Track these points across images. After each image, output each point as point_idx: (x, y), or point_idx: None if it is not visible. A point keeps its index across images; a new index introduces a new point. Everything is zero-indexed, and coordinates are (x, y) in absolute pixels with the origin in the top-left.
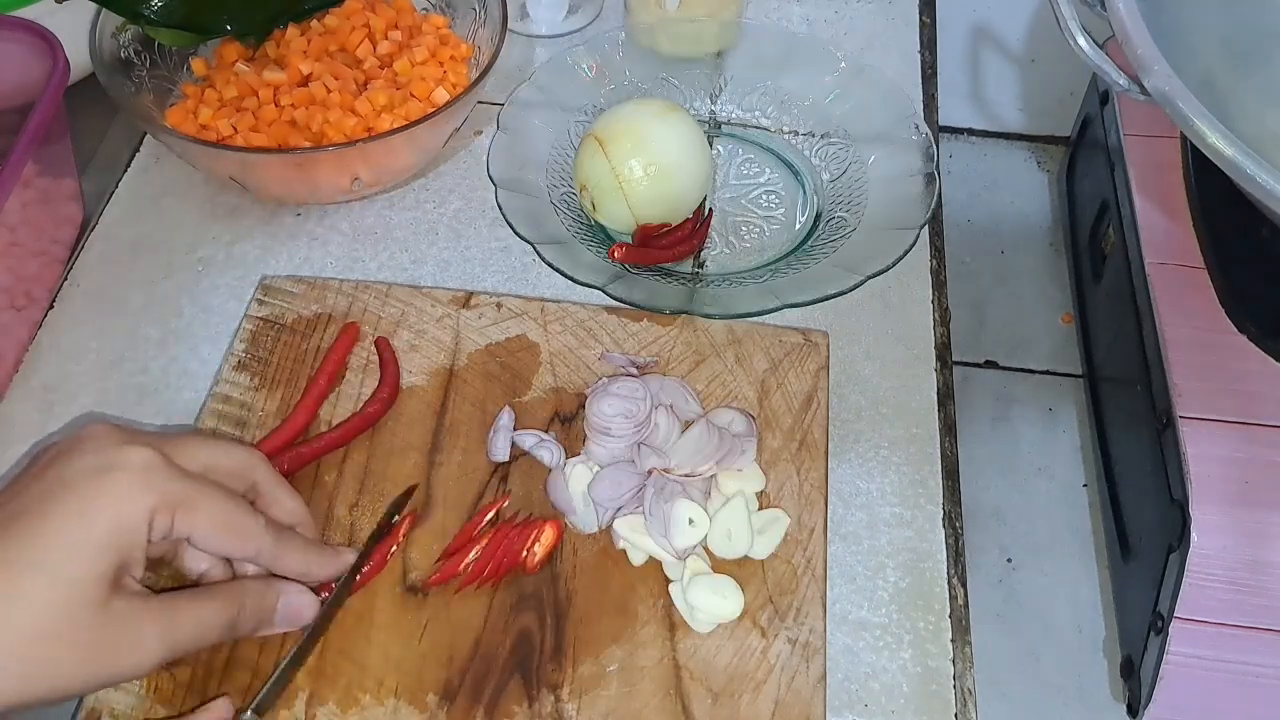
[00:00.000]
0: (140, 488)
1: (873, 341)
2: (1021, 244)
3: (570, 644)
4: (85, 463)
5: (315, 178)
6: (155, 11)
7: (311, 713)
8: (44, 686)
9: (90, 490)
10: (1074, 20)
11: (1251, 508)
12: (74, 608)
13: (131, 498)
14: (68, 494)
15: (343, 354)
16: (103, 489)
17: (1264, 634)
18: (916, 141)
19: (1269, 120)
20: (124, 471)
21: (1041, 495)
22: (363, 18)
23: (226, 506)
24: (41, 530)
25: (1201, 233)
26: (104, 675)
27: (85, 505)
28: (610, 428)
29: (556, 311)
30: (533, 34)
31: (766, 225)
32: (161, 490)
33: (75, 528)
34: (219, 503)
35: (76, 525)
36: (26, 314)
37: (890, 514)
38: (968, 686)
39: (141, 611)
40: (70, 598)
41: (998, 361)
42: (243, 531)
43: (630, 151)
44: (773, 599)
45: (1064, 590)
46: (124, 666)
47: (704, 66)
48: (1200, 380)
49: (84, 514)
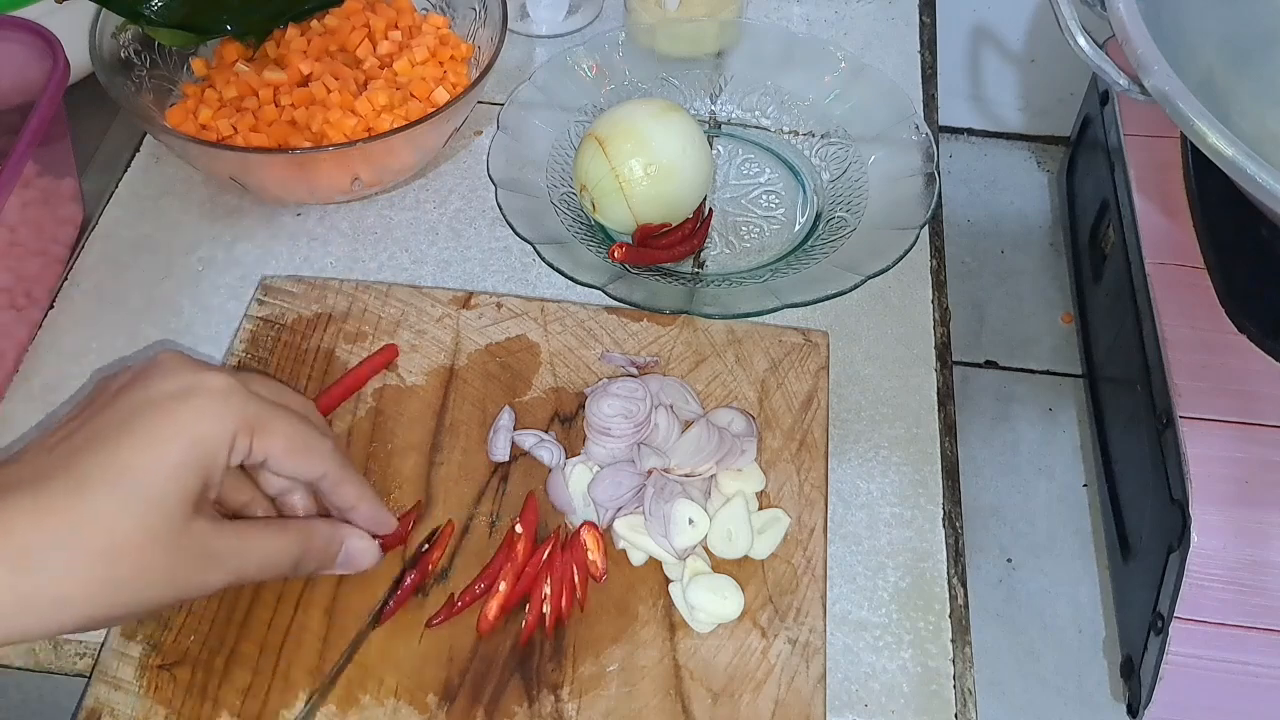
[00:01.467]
0: (222, 410)
1: (873, 341)
2: (1021, 244)
3: (570, 644)
4: (166, 386)
5: (315, 178)
6: (155, 11)
7: (311, 713)
8: (121, 603)
9: (173, 412)
10: (1074, 20)
11: (1251, 508)
12: (157, 528)
13: (214, 419)
14: (152, 414)
15: (370, 372)
16: (186, 410)
17: (1264, 634)
18: (916, 141)
19: (1269, 120)
20: (206, 395)
21: (1041, 495)
22: (363, 18)
23: (301, 429)
24: (126, 451)
25: (1201, 233)
26: (174, 593)
27: (169, 426)
28: (610, 428)
29: (556, 311)
30: (533, 34)
31: (766, 225)
32: (241, 412)
33: (160, 448)
34: (294, 425)
35: (161, 446)
36: (26, 314)
37: (890, 514)
38: (968, 686)
39: (218, 534)
40: (153, 518)
41: (998, 361)
42: (315, 452)
43: (630, 151)
44: (773, 599)
45: (1064, 590)
46: (194, 585)
47: (704, 66)
48: (1200, 380)
49: (168, 435)
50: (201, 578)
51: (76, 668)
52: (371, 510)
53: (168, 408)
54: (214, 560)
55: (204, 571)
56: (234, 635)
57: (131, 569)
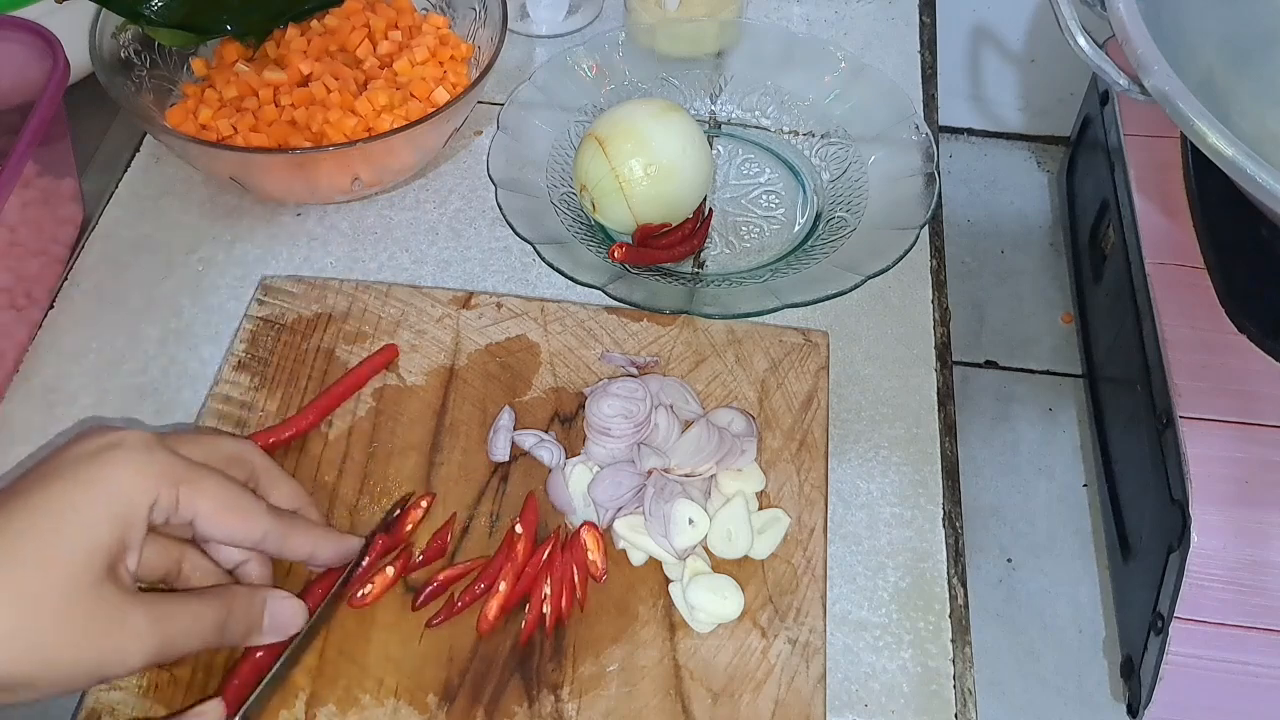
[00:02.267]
0: (142, 462)
1: (873, 341)
2: (1021, 244)
3: (570, 644)
4: (86, 445)
5: (315, 178)
6: (155, 11)
7: (311, 713)
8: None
9: (92, 465)
10: (1074, 20)
11: (1251, 508)
12: (63, 581)
13: (133, 472)
14: (69, 469)
15: (370, 372)
16: (104, 464)
17: (1264, 634)
18: (916, 141)
19: (1269, 120)
20: (126, 449)
21: (1041, 495)
22: (363, 18)
23: (229, 487)
24: (38, 503)
25: (1201, 233)
26: (93, 662)
27: (86, 478)
28: (610, 428)
29: (556, 311)
30: (533, 34)
31: (766, 225)
32: (164, 466)
33: (74, 499)
34: (221, 484)
35: (76, 497)
36: (26, 314)
37: (890, 514)
38: (968, 686)
39: (134, 603)
40: (61, 570)
41: (998, 361)
42: (247, 512)
43: (630, 151)
44: (773, 599)
45: (1064, 590)
46: (113, 657)
47: (704, 66)
48: (1200, 380)
49: (83, 486)
50: (117, 648)
51: None
52: (331, 551)
53: (87, 462)
54: (129, 630)
55: (119, 640)
56: None
57: (30, 622)
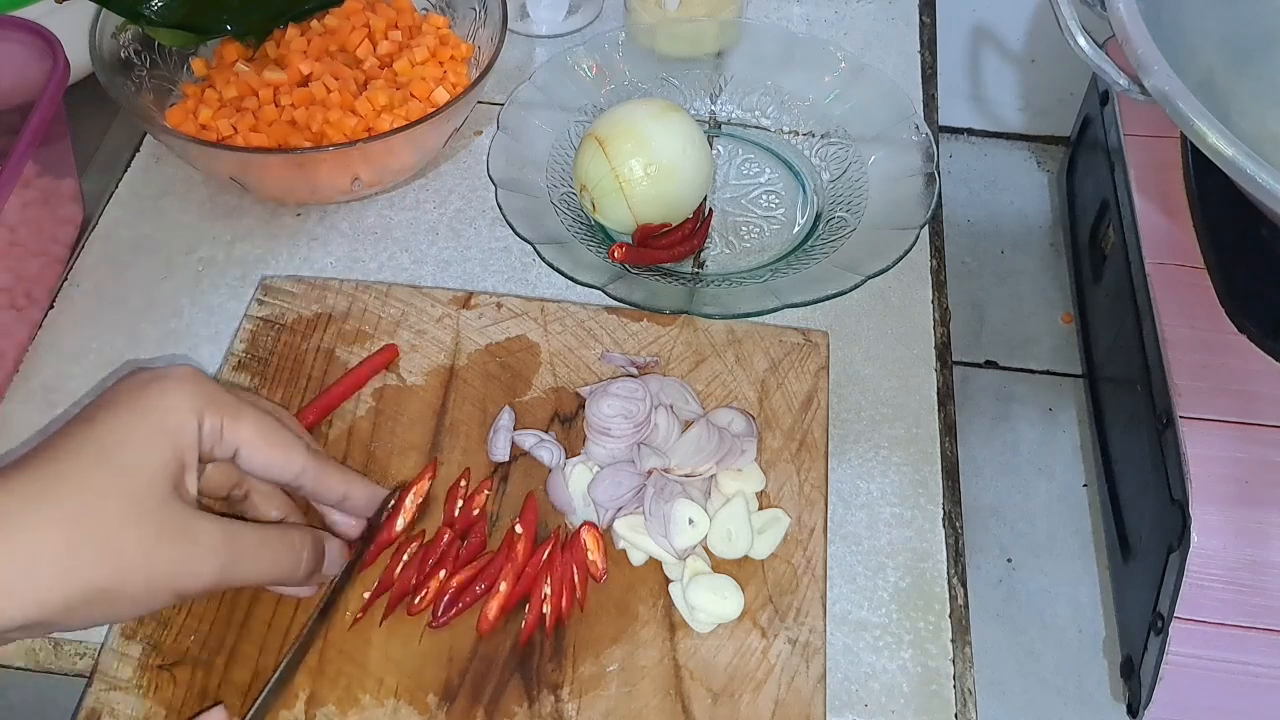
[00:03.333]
0: (189, 390)
1: (873, 341)
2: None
3: (570, 644)
4: (134, 380)
5: (315, 178)
6: (155, 11)
7: (311, 713)
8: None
9: (143, 395)
10: (1074, 20)
11: (1251, 508)
12: (128, 494)
13: (180, 396)
14: (124, 399)
15: (370, 372)
16: (153, 392)
17: (1264, 634)
18: (916, 141)
19: (1269, 120)
20: (172, 379)
21: (1041, 495)
22: (363, 18)
23: (270, 421)
24: (99, 427)
25: (1201, 233)
26: (165, 572)
27: (137, 405)
28: (610, 428)
29: (556, 311)
30: (533, 34)
31: (766, 225)
32: (209, 395)
33: (130, 421)
34: (263, 418)
35: (131, 419)
36: (26, 314)
37: (890, 514)
38: (968, 686)
39: (200, 517)
40: (125, 483)
41: (998, 361)
42: (289, 446)
43: (630, 151)
44: (773, 599)
45: (1064, 590)
46: (184, 568)
47: (704, 66)
48: (1200, 380)
49: (137, 411)
50: (184, 562)
51: (76, 668)
52: (365, 494)
53: (135, 392)
54: (197, 546)
55: (186, 556)
56: (234, 635)
57: (102, 534)
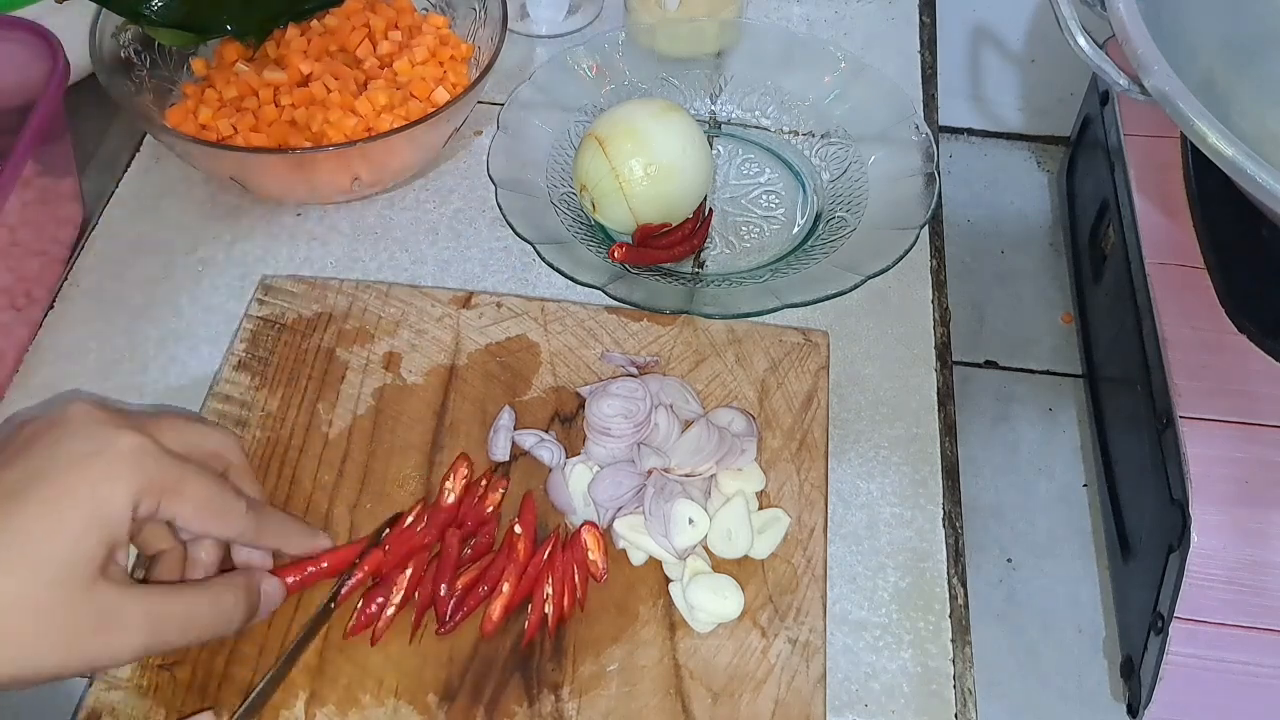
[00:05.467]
0: (129, 473)
1: (873, 341)
2: (1021, 244)
3: (570, 644)
4: (73, 446)
5: (315, 178)
6: (155, 11)
7: (311, 713)
8: (24, 665)
9: (79, 474)
10: (1074, 20)
11: (1251, 508)
12: (52, 588)
13: (120, 481)
14: (57, 476)
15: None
16: (91, 473)
17: (1264, 634)
18: (916, 141)
19: (1269, 120)
20: (113, 457)
21: (1041, 495)
22: (363, 18)
23: (211, 490)
24: (29, 512)
25: (1201, 233)
26: (83, 659)
27: (73, 488)
28: (610, 428)
29: (556, 311)
30: (533, 34)
31: (766, 225)
32: (150, 475)
33: (61, 514)
34: (204, 486)
35: (62, 512)
36: (26, 314)
37: (890, 514)
38: (968, 686)
39: (127, 598)
40: (48, 578)
41: (998, 361)
42: (225, 513)
43: (630, 151)
44: (773, 599)
45: (1064, 590)
46: (104, 653)
47: (704, 66)
48: (1200, 380)
49: (69, 501)
50: (107, 644)
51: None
52: (300, 543)
53: (74, 470)
54: (120, 631)
55: (110, 636)
56: (234, 635)
57: (21, 626)
